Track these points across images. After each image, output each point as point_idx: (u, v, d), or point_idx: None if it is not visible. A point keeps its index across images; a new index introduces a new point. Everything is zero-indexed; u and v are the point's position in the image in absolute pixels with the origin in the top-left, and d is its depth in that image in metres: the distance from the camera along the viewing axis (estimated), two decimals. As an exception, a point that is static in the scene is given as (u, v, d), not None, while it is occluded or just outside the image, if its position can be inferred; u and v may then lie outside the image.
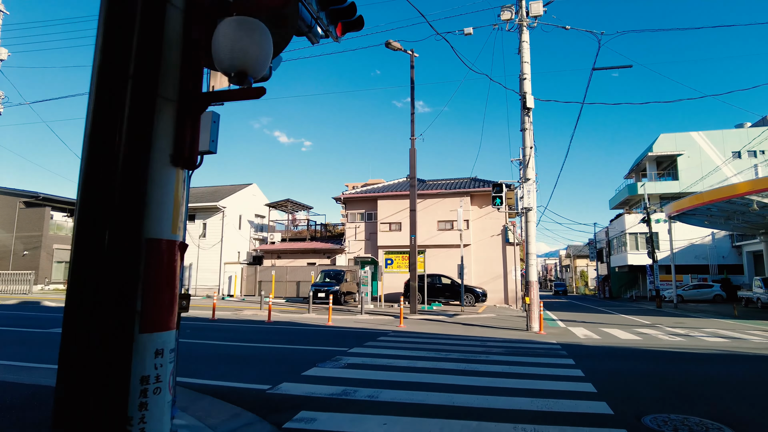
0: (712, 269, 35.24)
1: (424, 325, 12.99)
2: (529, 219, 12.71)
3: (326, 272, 22.77)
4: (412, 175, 16.86)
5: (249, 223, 31.54)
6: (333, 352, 7.85)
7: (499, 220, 24.65)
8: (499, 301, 23.87)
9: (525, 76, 13.36)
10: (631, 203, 43.25)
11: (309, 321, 13.54)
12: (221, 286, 28.51)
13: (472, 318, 15.78)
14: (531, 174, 12.91)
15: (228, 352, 7.97)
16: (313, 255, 27.93)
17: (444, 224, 25.06)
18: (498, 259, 24.36)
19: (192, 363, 6.71)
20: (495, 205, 12.72)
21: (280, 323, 12.79)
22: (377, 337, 9.87)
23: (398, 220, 25.17)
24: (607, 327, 13.58)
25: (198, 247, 28.95)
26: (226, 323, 12.68)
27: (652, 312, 21.88)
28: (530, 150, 12.96)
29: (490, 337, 10.41)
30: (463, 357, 7.54)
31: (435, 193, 25.37)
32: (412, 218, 16.80)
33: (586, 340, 10.29)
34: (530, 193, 12.72)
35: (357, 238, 26.98)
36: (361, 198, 27.05)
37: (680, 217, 27.35)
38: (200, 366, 6.57)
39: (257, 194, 32.92)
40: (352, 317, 14.97)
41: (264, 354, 7.81)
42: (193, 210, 29.80)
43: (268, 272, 27.43)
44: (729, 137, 37.02)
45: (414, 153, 16.95)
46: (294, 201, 29.63)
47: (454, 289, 22.06)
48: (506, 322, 14.33)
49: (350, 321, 13.68)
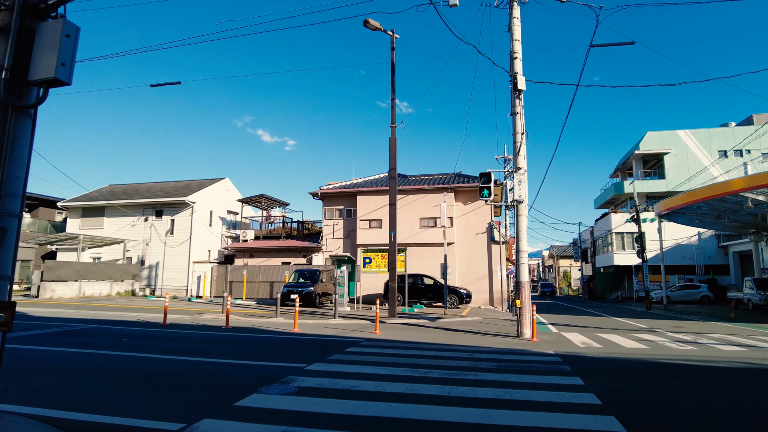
0: (698, 269, 34.69)
1: (403, 331, 11.56)
2: (520, 213, 11.38)
3: (300, 272, 21.19)
4: (392, 166, 15.43)
5: (221, 219, 29.72)
6: (286, 369, 6.35)
7: (484, 218, 23.41)
8: (484, 303, 22.62)
9: (516, 55, 12.05)
10: (617, 202, 42.62)
11: (273, 327, 11.98)
12: (189, 287, 26.67)
13: (456, 322, 14.42)
14: (522, 162, 11.59)
15: (152, 368, 6.41)
16: (288, 254, 26.29)
17: (427, 221, 23.72)
18: (483, 259, 23.11)
19: (90, 385, 5.15)
20: (483, 196, 11.36)
21: (239, 330, 11.21)
22: (346, 348, 8.39)
23: (379, 217, 23.74)
24: (604, 332, 12.35)
25: (164, 245, 27.04)
26: (176, 330, 11.05)
27: (643, 314, 20.87)
28: (521, 136, 11.65)
29: (477, 347, 9.03)
30: (447, 376, 6.12)
31: (417, 189, 24.00)
32: (392, 213, 15.38)
33: (586, 350, 8.98)
34: (521, 183, 11.40)
35: (335, 236, 25.45)
36: (339, 194, 25.53)
37: (669, 216, 26.50)
38: (98, 390, 5.01)
39: (230, 189, 31.10)
40: (323, 322, 13.46)
41: (196, 373, 6.26)
42: (161, 205, 27.91)
43: (240, 272, 25.71)
44: (715, 136, 36.57)
45: (394, 142, 15.53)
46: (268, 197, 27.94)
47: (436, 290, 20.70)
48: (494, 327, 12.99)
49: (320, 327, 12.17)
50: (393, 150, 15.46)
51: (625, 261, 35.93)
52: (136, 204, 28.26)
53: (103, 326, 11.41)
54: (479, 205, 23.56)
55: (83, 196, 30.62)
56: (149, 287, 27.59)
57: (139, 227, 28.28)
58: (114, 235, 28.13)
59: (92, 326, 11.35)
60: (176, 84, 13.01)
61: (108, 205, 28.60)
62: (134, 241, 28.03)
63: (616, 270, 38.31)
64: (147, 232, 28.04)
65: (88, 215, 29.54)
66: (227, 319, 11.71)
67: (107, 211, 28.94)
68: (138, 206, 28.35)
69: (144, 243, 27.99)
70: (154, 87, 13.13)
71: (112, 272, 25.71)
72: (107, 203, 28.45)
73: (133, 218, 28.35)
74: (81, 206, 29.49)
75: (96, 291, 24.37)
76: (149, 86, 13.02)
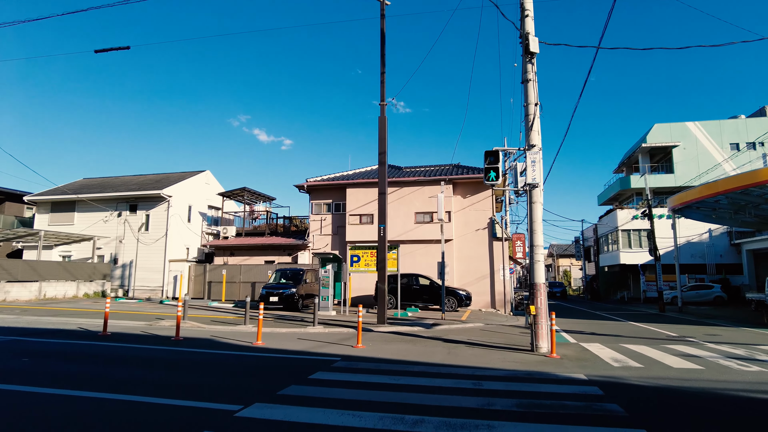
0: (709, 269, 32.80)
1: (392, 343, 9.52)
2: (533, 199, 9.36)
3: (282, 271, 19.13)
4: (382, 149, 13.39)
5: (201, 215, 27.59)
6: (208, 415, 4.30)
7: (485, 212, 21.41)
8: (485, 305, 20.63)
9: (527, 12, 10.04)
10: (621, 198, 40.73)
11: (233, 338, 9.92)
12: (165, 288, 24.55)
13: (456, 329, 12.40)
14: (536, 139, 9.58)
15: (15, 417, 4.33)
16: (271, 252, 24.20)
17: (422, 216, 21.69)
18: (483, 257, 21.11)
19: None
20: (488, 180, 9.34)
21: (189, 343, 9.14)
22: (311, 374, 6.35)
23: (370, 211, 21.71)
24: (631, 342, 10.36)
25: (137, 241, 24.90)
26: (111, 344, 8.97)
27: (660, 318, 18.94)
28: (535, 108, 9.64)
29: (485, 369, 7.01)
30: (447, 427, 4.09)
31: (412, 181, 21.97)
32: (381, 204, 13.34)
33: (625, 372, 6.98)
34: (535, 164, 9.39)
35: (323, 232, 23.40)
36: (328, 186, 23.47)
37: (683, 212, 24.57)
38: None
39: (211, 183, 28.96)
40: (299, 331, 11.41)
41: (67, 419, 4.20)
42: (135, 199, 25.77)
43: (219, 272, 23.63)
44: (727, 128, 34.70)
45: (384, 122, 13.49)
46: (251, 190, 25.83)
47: (433, 292, 18.70)
48: (500, 337, 10.98)
49: (292, 338, 10.12)
50: (383, 131, 13.42)
51: (632, 260, 34.03)
52: (109, 198, 26.11)
53: (22, 339, 9.32)
54: (480, 198, 21.58)
55: (53, 189, 28.42)
56: (122, 288, 25.45)
57: (112, 223, 26.13)
58: (85, 231, 25.97)
59: (7, 338, 9.26)
60: (125, 48, 10.99)
61: (78, 200, 26.42)
62: (106, 238, 25.88)
63: (621, 269, 36.40)
64: (120, 229, 25.89)
65: (57, 210, 27.34)
66: (177, 330, 9.62)
67: (78, 205, 26.76)
68: (111, 200, 26.20)
69: (117, 240, 25.85)
70: (99, 53, 11.10)
71: (79, 272, 23.55)
72: (77, 197, 26.27)
73: (106, 213, 26.21)
74: (50, 200, 27.32)
75: (60, 292, 22.22)
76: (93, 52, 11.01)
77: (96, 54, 11.09)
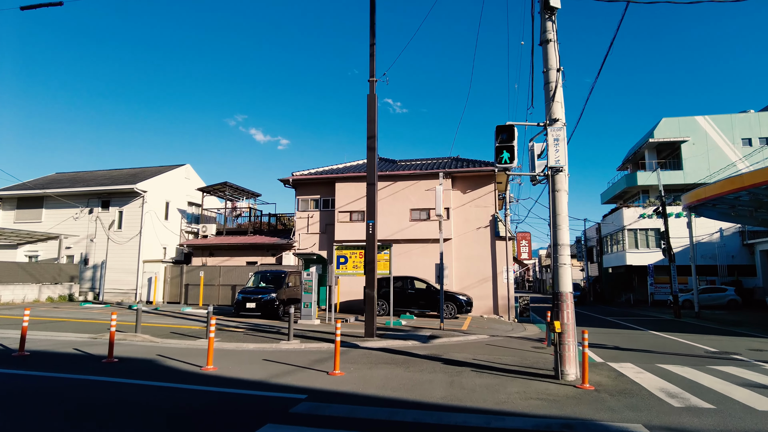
0: (720, 270, 31.09)
1: (379, 368, 7.60)
2: (558, 186, 7.50)
3: (262, 274, 17.19)
4: (371, 133, 11.49)
5: (180, 212, 25.60)
6: None
7: (486, 209, 19.55)
8: (487, 311, 18.77)
9: (546, -40, 8.17)
10: (627, 196, 39.00)
11: (182, 359, 7.99)
12: (139, 290, 22.55)
13: (457, 343, 10.51)
14: (559, 111, 7.71)
15: None
16: (254, 252, 22.25)
17: (418, 213, 19.81)
18: (485, 258, 19.25)
19: None
20: (501, 163, 7.44)
21: (123, 366, 7.21)
22: (257, 428, 4.44)
23: (361, 207, 19.80)
24: (670, 362, 8.52)
25: (108, 240, 22.87)
26: (11, 370, 7.03)
27: (679, 325, 17.15)
28: (557, 74, 7.77)
29: (503, 415, 5.13)
30: None
31: (407, 175, 20.08)
32: (370, 196, 11.44)
33: (696, 419, 5.12)
34: (559, 142, 7.53)
35: (310, 230, 21.47)
36: (315, 180, 21.54)
37: (697, 209, 22.82)
38: None
39: (192, 177, 26.95)
40: (270, 347, 9.49)
41: None
42: (107, 195, 23.78)
43: (197, 273, 21.65)
44: (738, 122, 33.01)
45: (373, 101, 11.60)
46: (233, 185, 23.85)
47: (430, 296, 16.83)
48: (512, 354, 9.11)
49: (256, 359, 8.20)
50: (372, 111, 11.52)
51: (639, 260, 32.28)
52: (79, 194, 24.09)
53: None
54: (481, 193, 19.72)
55: (19, 185, 26.37)
56: (93, 291, 23.42)
57: (82, 221, 24.11)
58: (54, 229, 23.93)
59: None
60: (56, 5, 9.08)
61: (46, 195, 24.40)
62: (76, 236, 23.86)
63: (627, 270, 34.66)
64: (92, 227, 23.87)
65: (24, 207, 25.27)
66: (110, 350, 7.65)
67: (46, 202, 24.72)
68: (81, 196, 24.18)
69: (88, 239, 23.82)
70: (26, 9, 9.17)
71: (42, 273, 21.52)
72: (44, 192, 24.25)
73: (76, 210, 24.18)
74: (15, 196, 25.25)
75: (18, 296, 20.18)
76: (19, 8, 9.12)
77: (24, 11, 9.15)
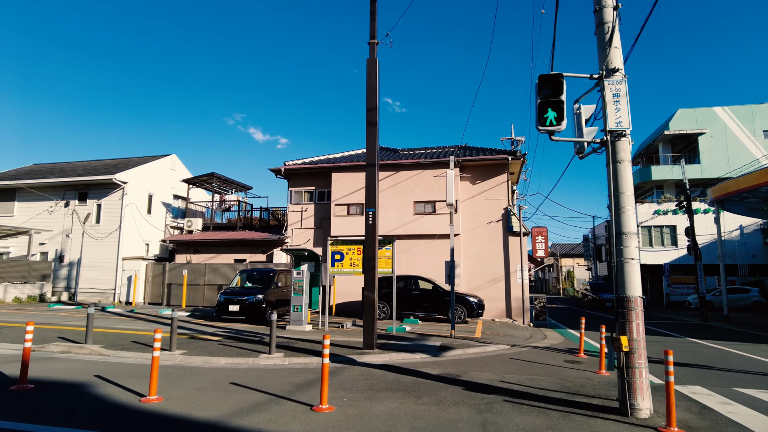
0: (741, 270, 29.28)
1: (381, 400, 5.72)
2: (620, 156, 5.67)
3: (248, 273, 15.35)
4: (371, 105, 9.64)
5: (164, 206, 23.73)
6: None
7: (498, 201, 17.74)
8: (499, 314, 16.96)
9: None
10: (639, 192, 37.16)
11: (124, 384, 6.14)
12: (118, 290, 20.73)
13: (475, 357, 8.67)
14: (617, 59, 5.87)
15: None
16: (243, 249, 20.40)
17: (422, 206, 17.97)
18: (496, 255, 17.44)
19: None
20: (545, 125, 5.54)
21: (35, 396, 5.37)
22: None
23: (359, 200, 17.97)
24: (753, 387, 6.72)
25: (83, 235, 21.00)
26: None
27: (713, 330, 15.35)
28: (613, 12, 5.93)
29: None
30: None
31: (410, 164, 18.25)
32: (370, 180, 9.59)
33: None
34: (620, 99, 5.69)
35: (303, 225, 19.63)
36: (310, 170, 19.69)
37: (723, 204, 21.04)
38: None
39: (178, 169, 25.08)
40: (244, 363, 7.66)
41: None
42: (84, 186, 21.94)
43: (181, 272, 19.81)
44: (759, 113, 31.19)
45: (375, 66, 9.75)
46: (221, 176, 21.98)
47: (436, 298, 15.01)
48: (547, 374, 7.28)
49: (221, 382, 6.35)
50: (373, 79, 9.67)
51: (654, 259, 30.44)
52: (54, 185, 22.23)
53: None
54: (492, 185, 17.90)
55: (-8, 175, 24.51)
56: (68, 291, 21.56)
57: (58, 214, 22.26)
58: (27, 223, 22.08)
59: None
60: None
61: (18, 187, 22.52)
62: (50, 231, 22.01)
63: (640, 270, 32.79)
64: (68, 221, 22.01)
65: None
66: (23, 373, 5.78)
67: (19, 194, 22.85)
68: (57, 188, 22.33)
69: (64, 234, 21.97)
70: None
71: (9, 272, 19.64)
72: (16, 184, 22.37)
73: (51, 203, 22.33)
74: (-14, 188, 23.39)
75: (-19, 297, 18.33)
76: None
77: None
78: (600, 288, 28.98)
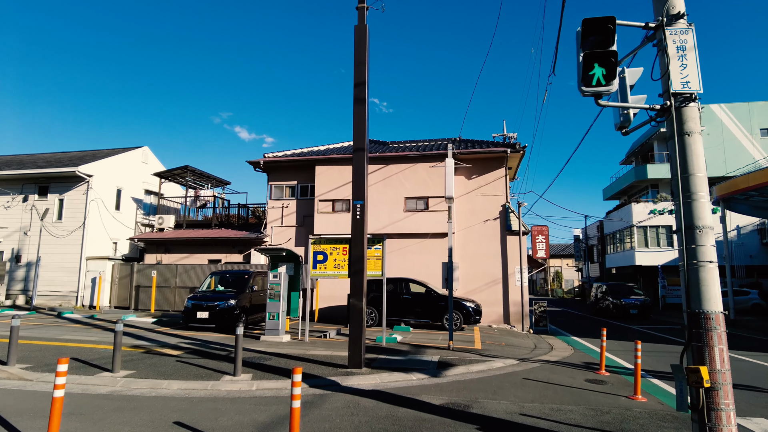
0: (738, 271, 28.53)
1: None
2: (688, 127, 4.35)
3: (221, 275, 13.76)
4: (360, 79, 8.19)
5: (135, 201, 21.95)
6: None
7: (496, 197, 16.44)
8: (497, 319, 15.66)
9: None
10: (633, 192, 36.39)
11: (31, 425, 4.60)
12: (81, 293, 18.91)
13: (481, 377, 7.27)
14: (680, 1, 4.53)
15: None
16: (218, 248, 18.76)
17: (414, 202, 16.58)
18: (494, 256, 16.14)
19: None
20: (590, 86, 4.23)
21: None
22: None
23: (345, 195, 16.52)
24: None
25: (45, 233, 19.14)
26: None
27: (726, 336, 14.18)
28: (673, -54, 4.57)
29: None
30: None
31: (401, 157, 16.84)
32: (359, 165, 8.14)
33: None
34: (687, 54, 4.36)
35: (284, 222, 18.08)
36: (291, 163, 18.15)
37: (728, 203, 20.13)
38: None
39: (150, 162, 23.28)
40: (202, 388, 6.16)
41: None
42: (45, 180, 20.07)
43: (150, 273, 18.10)
44: (757, 111, 30.55)
45: (364, 33, 8.30)
46: (196, 170, 20.28)
47: (430, 303, 13.61)
48: (575, 403, 5.92)
49: (159, 425, 4.84)
50: (362, 49, 8.22)
51: (649, 260, 29.58)
52: (11, 178, 20.31)
53: None
54: (489, 179, 16.60)
55: (-57, 167, 22.39)
56: (25, 293, 19.66)
57: (15, 210, 20.33)
58: (-20, 220, 20.13)
59: None
60: None
61: (-30, 180, 20.55)
62: (5, 228, 20.09)
63: (635, 271, 31.98)
64: (26, 217, 20.11)
65: (-54, 194, 21.36)
66: None
67: (-28, 188, 20.86)
68: (15, 181, 20.41)
69: (21, 232, 20.06)
70: None
71: (-44, 273, 17.73)
72: (-32, 176, 20.39)
73: (7, 198, 20.39)
74: (-65, 181, 21.31)
75: None
76: None
77: None
78: (620, 291, 23.03)
